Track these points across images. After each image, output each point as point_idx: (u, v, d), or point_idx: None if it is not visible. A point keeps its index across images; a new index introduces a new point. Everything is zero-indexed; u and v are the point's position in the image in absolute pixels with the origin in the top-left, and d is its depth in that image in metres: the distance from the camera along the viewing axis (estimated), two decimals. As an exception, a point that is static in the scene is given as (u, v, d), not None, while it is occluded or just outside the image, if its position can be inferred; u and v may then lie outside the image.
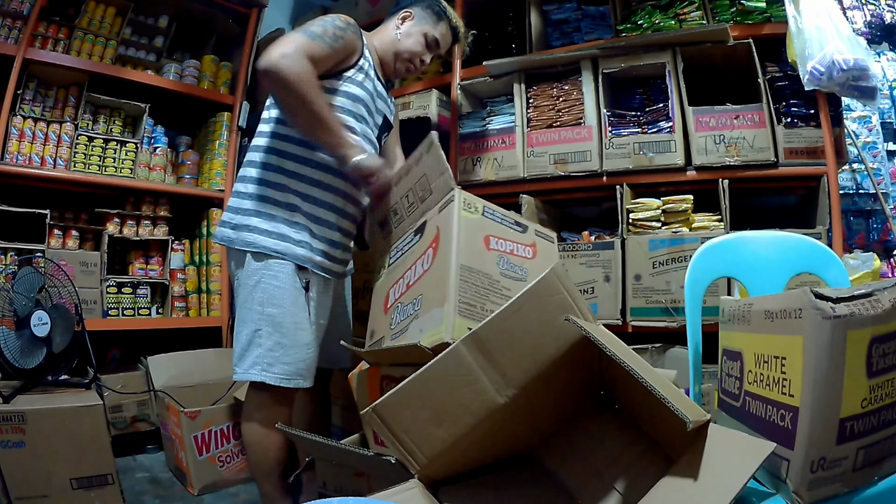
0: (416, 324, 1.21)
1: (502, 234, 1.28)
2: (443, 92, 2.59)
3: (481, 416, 0.87)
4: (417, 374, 0.87)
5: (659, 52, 2.10)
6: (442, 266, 1.19)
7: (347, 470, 1.30)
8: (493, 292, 1.20)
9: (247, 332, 1.41)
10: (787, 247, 1.33)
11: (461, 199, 1.23)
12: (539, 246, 1.34)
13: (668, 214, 2.03)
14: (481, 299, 1.17)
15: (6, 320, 1.80)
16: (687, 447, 0.86)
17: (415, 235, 1.37)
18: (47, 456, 1.57)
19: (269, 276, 1.40)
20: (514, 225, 1.32)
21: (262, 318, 1.39)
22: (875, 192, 2.79)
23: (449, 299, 1.13)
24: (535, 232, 1.36)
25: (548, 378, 0.91)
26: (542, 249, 1.35)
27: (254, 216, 1.43)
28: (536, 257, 1.32)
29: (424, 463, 0.87)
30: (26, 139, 2.30)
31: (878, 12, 3.06)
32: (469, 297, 1.15)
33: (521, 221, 1.34)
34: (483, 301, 1.17)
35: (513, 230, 1.31)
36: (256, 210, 1.44)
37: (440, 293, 1.16)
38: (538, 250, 1.33)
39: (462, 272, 1.16)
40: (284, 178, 1.45)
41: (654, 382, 0.77)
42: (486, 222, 1.26)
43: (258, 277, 1.41)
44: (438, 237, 1.24)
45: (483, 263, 1.20)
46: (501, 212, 1.31)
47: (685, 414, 0.74)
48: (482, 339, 0.89)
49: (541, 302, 0.91)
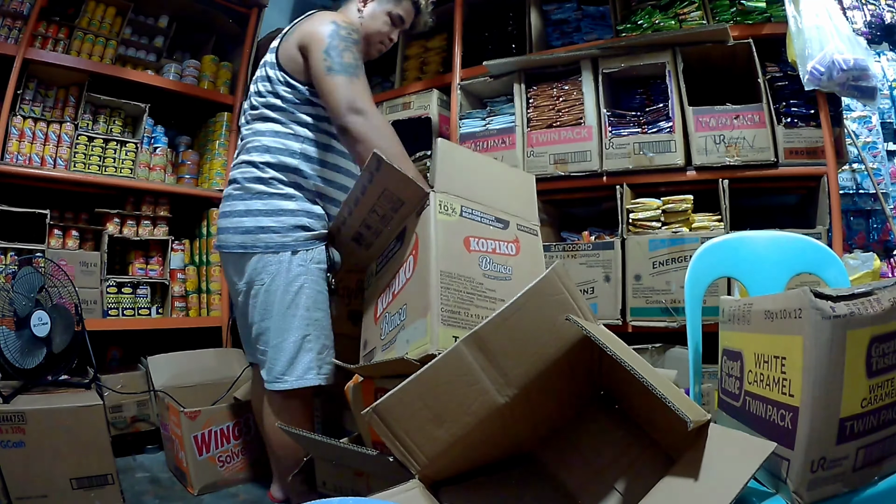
0: (402, 334, 1.21)
1: (483, 233, 1.26)
2: (443, 92, 2.59)
3: (482, 417, 0.87)
4: (418, 375, 0.87)
5: (659, 52, 2.10)
6: (422, 274, 1.18)
7: (347, 470, 1.30)
8: (478, 295, 1.19)
9: (294, 339, 1.43)
10: (786, 247, 1.33)
11: (437, 203, 1.22)
12: (522, 241, 1.33)
13: (668, 214, 2.03)
14: (465, 305, 1.17)
15: (6, 320, 1.79)
16: (687, 447, 0.86)
17: (396, 242, 1.36)
18: (47, 456, 1.57)
19: (311, 282, 1.44)
20: (494, 222, 1.30)
21: (310, 323, 1.43)
22: (875, 192, 2.79)
23: (432, 309, 1.12)
24: (518, 227, 1.34)
25: (548, 378, 0.91)
26: (526, 244, 1.33)
27: (288, 215, 1.46)
28: (520, 254, 1.31)
29: (425, 463, 0.87)
30: (26, 139, 2.29)
31: (878, 12, 3.06)
32: (452, 305, 1.15)
33: (502, 217, 1.32)
34: (467, 307, 1.17)
35: (493, 228, 1.29)
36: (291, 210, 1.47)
37: (423, 303, 1.15)
38: (521, 246, 1.32)
39: (443, 279, 1.15)
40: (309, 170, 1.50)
41: (654, 382, 0.77)
42: (465, 223, 1.24)
43: (300, 283, 1.43)
44: (417, 244, 1.24)
45: (465, 267, 1.20)
46: (481, 210, 1.29)
47: (686, 414, 0.74)
48: (483, 339, 0.89)
49: (542, 301, 0.91)
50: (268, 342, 1.46)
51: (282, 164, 1.48)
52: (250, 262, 1.46)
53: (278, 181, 1.48)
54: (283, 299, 1.43)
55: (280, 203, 1.47)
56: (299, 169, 1.49)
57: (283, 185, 1.48)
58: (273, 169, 1.48)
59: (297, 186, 1.50)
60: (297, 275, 1.44)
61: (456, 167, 1.30)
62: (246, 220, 1.46)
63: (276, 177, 1.48)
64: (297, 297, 1.43)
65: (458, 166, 1.31)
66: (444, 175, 1.27)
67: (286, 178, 1.48)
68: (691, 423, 0.74)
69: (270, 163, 1.48)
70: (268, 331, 1.45)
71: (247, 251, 1.46)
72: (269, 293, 1.44)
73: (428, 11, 1.78)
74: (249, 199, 1.47)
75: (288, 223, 1.46)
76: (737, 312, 0.98)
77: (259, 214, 1.46)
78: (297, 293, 1.43)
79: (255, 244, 1.45)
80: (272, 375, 1.45)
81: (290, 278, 1.43)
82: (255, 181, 1.48)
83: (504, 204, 1.34)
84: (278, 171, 1.48)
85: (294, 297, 1.43)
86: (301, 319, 1.43)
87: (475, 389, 0.87)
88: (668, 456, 0.94)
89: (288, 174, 1.49)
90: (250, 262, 1.46)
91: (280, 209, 1.46)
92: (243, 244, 1.46)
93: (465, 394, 0.87)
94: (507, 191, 1.39)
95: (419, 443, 0.87)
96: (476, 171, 1.36)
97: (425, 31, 1.86)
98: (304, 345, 1.43)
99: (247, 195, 1.48)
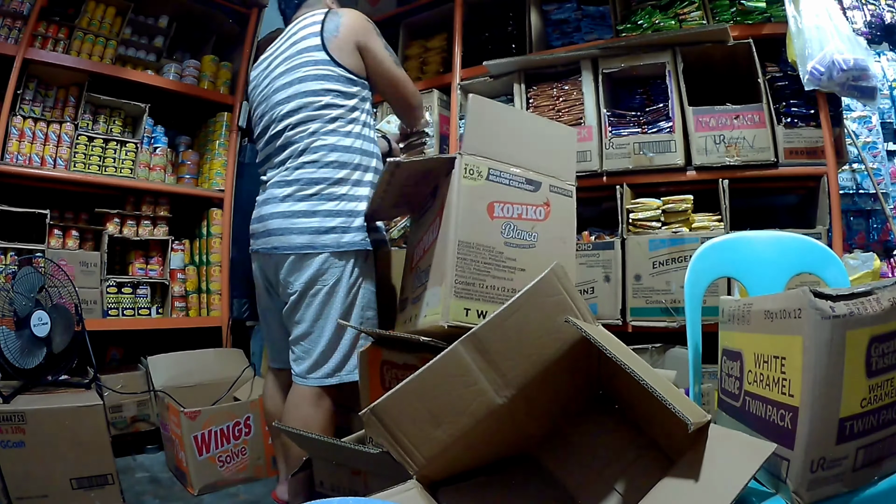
0: (425, 295, 1.24)
1: (510, 197, 1.23)
2: (443, 92, 2.59)
3: (480, 417, 0.87)
4: (416, 375, 0.87)
5: (659, 52, 2.10)
6: (443, 242, 1.19)
7: (344, 469, 1.30)
8: (496, 266, 1.19)
9: (349, 337, 1.48)
10: (787, 247, 1.33)
11: (462, 167, 1.20)
12: (553, 204, 1.28)
13: (668, 214, 2.03)
14: (482, 276, 1.17)
15: (6, 320, 1.79)
16: (687, 447, 0.85)
17: (430, 197, 1.37)
18: (47, 456, 1.57)
19: (368, 282, 1.51)
20: (524, 184, 1.25)
21: (363, 321, 1.50)
22: (875, 192, 2.79)
23: (446, 280, 1.14)
24: (550, 187, 1.28)
25: (546, 378, 0.91)
26: (558, 207, 1.28)
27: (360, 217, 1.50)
28: (549, 218, 1.27)
29: (423, 464, 0.87)
30: (26, 139, 2.29)
31: (878, 12, 3.06)
32: (468, 276, 1.15)
33: (534, 179, 1.27)
34: (483, 277, 1.17)
35: (522, 190, 1.25)
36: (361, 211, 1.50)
37: (440, 271, 1.17)
38: (552, 209, 1.27)
39: (461, 250, 1.16)
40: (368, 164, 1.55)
41: (654, 383, 0.77)
42: (490, 188, 1.22)
43: (359, 284, 1.49)
44: (443, 207, 1.23)
45: (485, 235, 1.19)
46: (511, 172, 1.25)
47: (686, 416, 0.74)
48: (481, 340, 0.89)
49: (540, 302, 0.91)
50: (318, 341, 1.47)
51: (350, 163, 1.49)
52: (314, 262, 1.45)
53: (346, 181, 1.49)
54: (345, 301, 1.47)
55: (350, 204, 1.48)
56: (361, 165, 1.51)
57: (351, 186, 1.49)
58: (343, 168, 1.49)
59: (361, 184, 1.51)
60: (358, 275, 1.49)
61: (486, 126, 1.27)
62: (313, 221, 1.46)
63: (344, 177, 1.48)
64: (356, 298, 1.49)
65: (489, 124, 1.27)
66: (474, 135, 1.24)
67: (353, 178, 1.50)
68: (692, 425, 0.74)
69: (340, 162, 1.48)
70: (323, 329, 1.47)
71: (315, 251, 1.45)
72: (331, 294, 1.46)
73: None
74: (317, 200, 1.47)
75: (357, 224, 1.48)
76: (736, 312, 0.97)
77: (329, 215, 1.46)
78: (357, 294, 1.49)
79: (325, 244, 1.45)
80: (322, 371, 1.47)
81: (353, 280, 1.48)
82: (322, 182, 1.47)
83: (537, 163, 1.29)
84: (346, 171, 1.49)
85: (353, 298, 1.49)
86: (356, 319, 1.49)
87: (473, 390, 0.87)
88: (667, 457, 0.94)
89: (355, 172, 1.50)
90: (314, 261, 1.45)
91: (350, 210, 1.48)
92: (312, 244, 1.45)
93: (463, 395, 0.87)
94: (543, 147, 1.32)
95: (417, 443, 0.86)
96: (510, 128, 1.30)
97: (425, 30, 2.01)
98: (358, 342, 1.48)
99: (314, 196, 1.47)
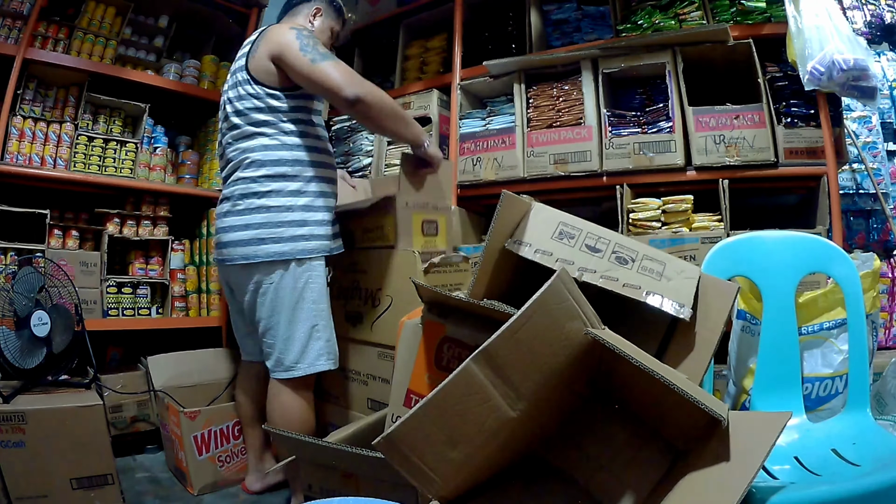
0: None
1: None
2: (443, 92, 2.59)
3: (495, 432, 0.86)
4: (430, 398, 0.84)
5: (659, 52, 2.10)
6: None
7: (335, 472, 1.28)
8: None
9: (303, 330, 1.53)
10: (798, 246, 1.35)
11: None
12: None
13: (668, 214, 2.03)
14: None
15: (6, 320, 1.79)
16: (701, 435, 0.89)
17: None
18: (47, 456, 1.57)
19: (316, 276, 1.56)
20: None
21: (317, 314, 1.56)
22: (875, 192, 2.79)
23: None
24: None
25: (556, 384, 0.91)
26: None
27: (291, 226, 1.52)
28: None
29: (440, 486, 0.86)
30: (26, 139, 2.29)
31: (878, 12, 3.06)
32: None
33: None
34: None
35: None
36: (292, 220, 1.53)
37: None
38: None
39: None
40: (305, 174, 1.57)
41: (677, 382, 0.80)
42: None
43: (305, 279, 1.54)
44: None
45: None
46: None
47: (716, 410, 0.78)
48: (492, 355, 0.85)
49: (549, 311, 0.89)
50: (277, 335, 1.54)
51: (279, 175, 1.52)
52: (256, 269, 1.53)
53: (276, 193, 1.52)
54: (292, 295, 1.53)
55: (279, 216, 1.51)
56: (296, 176, 1.54)
57: (281, 197, 1.52)
58: (271, 181, 1.52)
59: (297, 194, 1.54)
60: (302, 271, 1.53)
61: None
62: (246, 234, 1.52)
63: (273, 189, 1.52)
64: (304, 292, 1.55)
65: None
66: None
67: (284, 189, 1.52)
68: (725, 420, 0.78)
69: (268, 175, 1.52)
70: (278, 325, 1.54)
71: (253, 261, 1.52)
72: (278, 290, 1.53)
73: (349, 28, 1.95)
74: (249, 214, 1.52)
75: (288, 234, 1.51)
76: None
77: (259, 228, 1.51)
78: (304, 288, 1.53)
79: (256, 255, 1.51)
80: (284, 366, 1.55)
81: (297, 275, 1.53)
82: (252, 196, 1.52)
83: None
84: (275, 183, 1.52)
85: (301, 292, 1.53)
86: (308, 311, 1.54)
87: (487, 407, 0.85)
88: (672, 446, 0.96)
89: (285, 183, 1.52)
90: (256, 269, 1.53)
91: (279, 221, 1.51)
92: (245, 256, 1.52)
93: (478, 412, 0.85)
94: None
95: (434, 467, 0.85)
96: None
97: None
98: (314, 334, 1.54)
99: (245, 211, 1.53)
